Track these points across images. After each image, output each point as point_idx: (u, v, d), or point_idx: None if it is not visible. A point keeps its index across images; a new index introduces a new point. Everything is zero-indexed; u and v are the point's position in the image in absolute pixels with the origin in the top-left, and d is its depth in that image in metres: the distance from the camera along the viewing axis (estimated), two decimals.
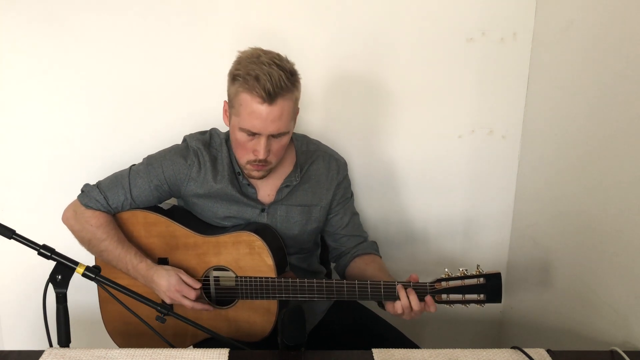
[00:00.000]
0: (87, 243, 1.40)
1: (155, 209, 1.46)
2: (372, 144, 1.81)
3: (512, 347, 1.16)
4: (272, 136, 1.29)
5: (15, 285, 1.84)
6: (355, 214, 1.58)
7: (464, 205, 1.89)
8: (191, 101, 1.73)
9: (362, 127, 1.80)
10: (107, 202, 1.39)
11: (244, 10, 1.67)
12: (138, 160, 1.46)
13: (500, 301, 1.25)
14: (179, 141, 1.48)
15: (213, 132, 1.48)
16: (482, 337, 2.00)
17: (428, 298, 1.27)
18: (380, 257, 1.56)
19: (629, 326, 1.28)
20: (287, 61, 1.28)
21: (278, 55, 1.28)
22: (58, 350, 1.12)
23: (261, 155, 1.30)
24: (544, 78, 1.69)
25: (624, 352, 1.16)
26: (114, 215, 1.42)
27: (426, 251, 1.92)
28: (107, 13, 1.64)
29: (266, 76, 1.21)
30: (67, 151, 1.74)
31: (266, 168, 1.36)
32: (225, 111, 1.36)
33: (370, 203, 1.85)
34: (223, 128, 1.48)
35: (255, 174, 1.36)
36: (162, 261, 1.42)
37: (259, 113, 1.24)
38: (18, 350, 1.14)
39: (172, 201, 1.54)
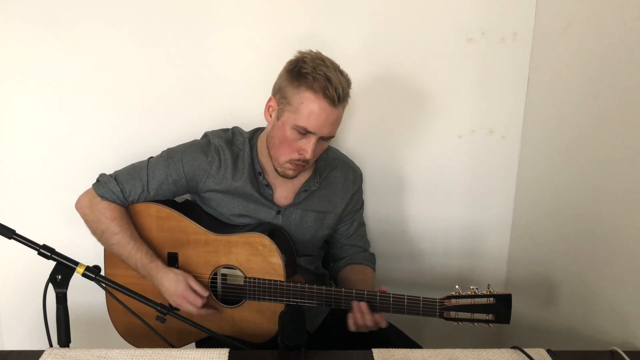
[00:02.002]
0: (99, 234, 1.40)
1: (169, 203, 1.46)
2: (371, 144, 1.81)
3: (512, 347, 1.16)
4: (321, 138, 1.30)
5: (15, 286, 1.83)
6: (361, 225, 1.60)
7: (464, 205, 1.88)
8: (192, 103, 1.73)
9: (361, 128, 1.79)
10: (124, 194, 1.39)
11: (249, 14, 1.67)
12: (139, 159, 1.46)
13: (508, 322, 1.25)
14: (180, 142, 1.48)
15: (235, 131, 1.48)
16: (482, 337, 2.00)
17: (378, 316, 1.30)
18: (374, 269, 1.57)
19: (629, 326, 1.28)
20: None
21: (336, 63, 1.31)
22: (58, 350, 1.11)
23: (308, 155, 1.30)
24: (544, 78, 1.69)
25: (624, 352, 1.16)
26: (127, 208, 1.43)
27: (425, 252, 1.92)
28: (107, 13, 1.64)
29: (337, 78, 1.25)
30: (67, 151, 1.74)
31: (303, 168, 1.37)
32: (269, 107, 1.35)
33: (369, 202, 1.85)
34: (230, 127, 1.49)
35: (290, 172, 1.37)
36: (172, 256, 1.42)
37: (320, 113, 1.26)
38: (18, 350, 1.14)
39: (186, 196, 1.54)
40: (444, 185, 1.86)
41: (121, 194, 1.39)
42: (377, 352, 1.14)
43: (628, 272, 1.29)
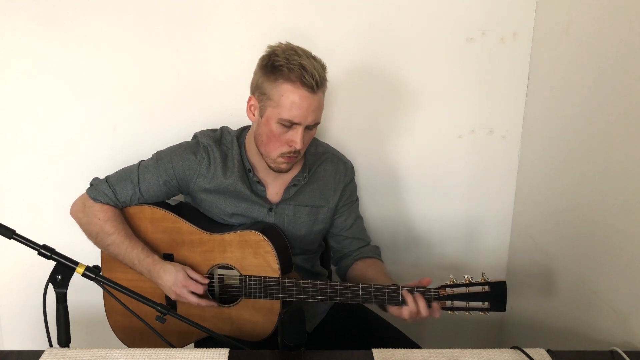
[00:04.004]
0: (94, 237, 1.40)
1: (163, 204, 1.46)
2: (371, 144, 1.81)
3: (512, 347, 1.16)
4: (307, 127, 1.31)
5: (15, 285, 1.83)
6: (359, 218, 1.59)
7: (464, 205, 1.89)
8: (192, 103, 1.73)
9: (361, 128, 1.80)
10: (116, 196, 1.40)
11: (249, 15, 1.67)
12: (138, 160, 1.46)
13: (504, 309, 1.24)
14: (179, 142, 1.48)
15: (224, 130, 1.48)
16: (482, 337, 2.00)
17: (435, 304, 1.26)
18: (382, 261, 1.56)
19: (629, 326, 1.28)
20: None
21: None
22: (58, 350, 1.12)
23: (298, 146, 1.31)
24: (544, 78, 1.69)
25: (624, 352, 1.16)
26: (122, 210, 1.43)
27: (426, 252, 1.92)
28: (107, 13, 1.64)
29: (311, 65, 1.25)
30: (67, 151, 1.74)
31: (296, 159, 1.37)
32: (251, 107, 1.36)
33: (370, 202, 1.85)
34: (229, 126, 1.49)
35: (284, 166, 1.37)
36: (167, 257, 1.43)
37: (302, 102, 1.26)
38: (18, 350, 1.14)
39: (179, 197, 1.55)
40: (444, 186, 1.86)
41: (113, 195, 1.40)
42: (377, 352, 1.14)
43: (628, 272, 1.29)
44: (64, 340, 1.15)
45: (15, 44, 1.65)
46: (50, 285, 1.12)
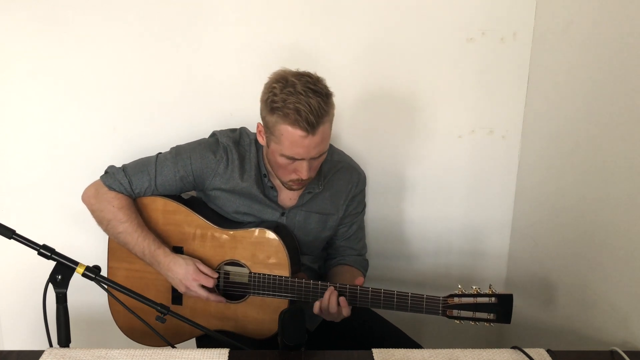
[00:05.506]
0: (105, 223, 1.40)
1: (175, 197, 1.47)
2: (371, 144, 1.81)
3: (512, 347, 1.16)
4: (313, 158, 1.30)
5: (15, 285, 1.84)
6: (361, 228, 1.60)
7: (464, 205, 1.89)
8: (192, 103, 1.73)
9: (361, 128, 1.80)
10: (131, 186, 1.41)
11: (249, 15, 1.67)
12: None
13: (509, 322, 1.26)
14: (181, 142, 1.48)
15: (243, 131, 1.49)
16: (482, 337, 2.00)
17: (342, 299, 1.30)
18: (363, 274, 1.57)
19: (629, 326, 1.28)
20: (319, 81, 1.27)
21: (309, 76, 1.26)
22: (58, 350, 1.12)
23: (304, 177, 1.31)
24: (544, 78, 1.69)
25: (624, 352, 1.16)
26: (134, 200, 1.44)
27: (425, 252, 1.92)
28: (107, 13, 1.64)
29: (306, 107, 1.21)
30: (68, 151, 1.74)
31: (306, 183, 1.39)
32: (260, 132, 1.36)
33: (371, 202, 1.85)
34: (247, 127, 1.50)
35: (295, 187, 1.39)
36: (177, 250, 1.43)
37: (302, 142, 1.25)
38: (18, 350, 1.14)
39: (191, 193, 1.55)
40: (444, 186, 1.86)
41: (129, 185, 1.41)
42: (377, 352, 1.14)
43: (628, 272, 1.29)
44: (64, 340, 1.15)
45: (16, 44, 1.65)
46: (50, 285, 1.12)
